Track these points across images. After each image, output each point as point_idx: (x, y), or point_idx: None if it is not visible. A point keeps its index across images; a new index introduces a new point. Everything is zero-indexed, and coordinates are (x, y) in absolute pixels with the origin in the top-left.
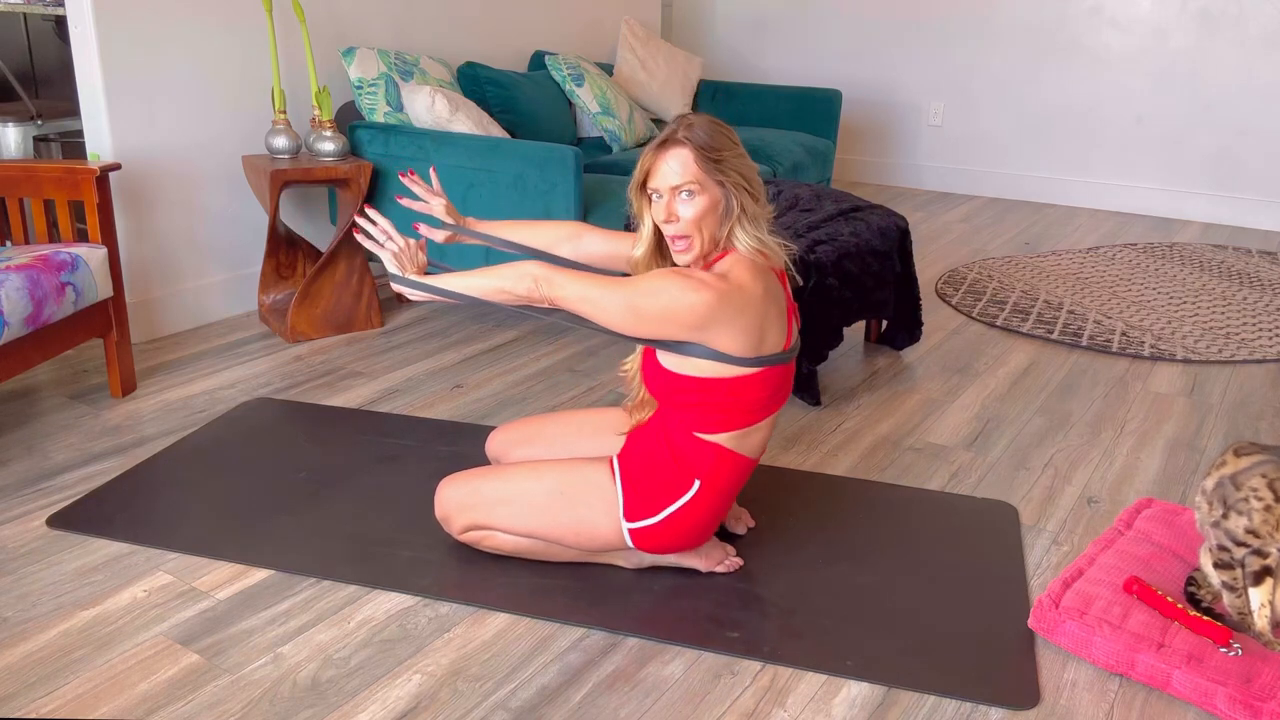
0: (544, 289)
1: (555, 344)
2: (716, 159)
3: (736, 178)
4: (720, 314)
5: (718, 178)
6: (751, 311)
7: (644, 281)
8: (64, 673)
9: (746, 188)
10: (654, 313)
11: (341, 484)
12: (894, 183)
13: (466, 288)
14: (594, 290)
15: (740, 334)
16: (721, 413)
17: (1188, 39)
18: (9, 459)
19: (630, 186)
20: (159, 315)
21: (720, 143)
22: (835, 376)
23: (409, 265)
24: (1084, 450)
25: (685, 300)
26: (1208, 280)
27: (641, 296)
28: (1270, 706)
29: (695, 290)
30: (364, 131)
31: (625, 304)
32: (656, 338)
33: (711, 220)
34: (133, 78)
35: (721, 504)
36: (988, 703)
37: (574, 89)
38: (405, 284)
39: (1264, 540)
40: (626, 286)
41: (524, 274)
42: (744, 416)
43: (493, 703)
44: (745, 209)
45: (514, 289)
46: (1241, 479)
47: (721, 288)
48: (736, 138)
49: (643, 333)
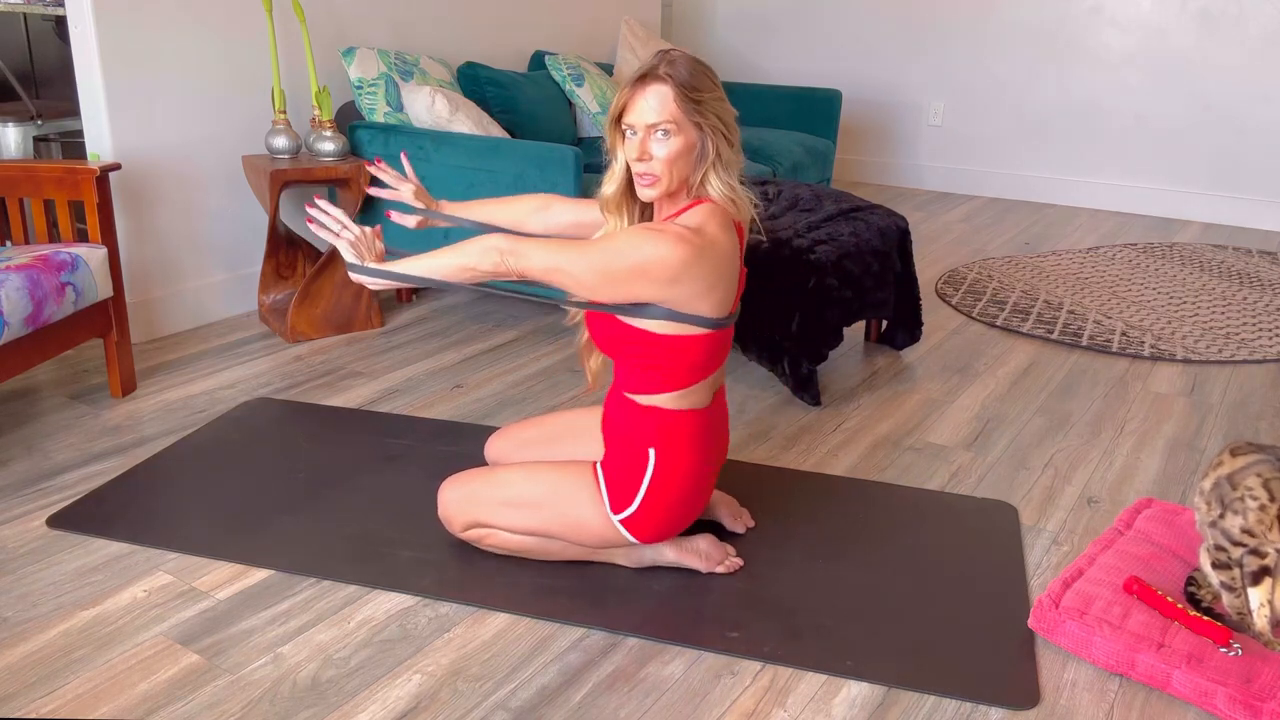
0: (510, 261)
1: (555, 344)
2: (696, 99)
3: (715, 121)
4: (694, 269)
5: (695, 119)
6: (722, 268)
7: (614, 241)
8: (64, 673)
9: (724, 132)
10: (626, 270)
11: (341, 484)
12: (894, 183)
13: (429, 270)
14: (561, 256)
15: (708, 291)
16: (659, 372)
17: (1188, 39)
18: (9, 459)
19: (606, 120)
20: (159, 315)
21: (701, 82)
22: (835, 376)
23: (367, 254)
24: (1084, 450)
25: (659, 254)
26: (1208, 280)
27: (612, 256)
28: (1270, 706)
29: (670, 244)
30: (364, 131)
31: (595, 266)
32: (627, 299)
33: (685, 163)
34: (133, 78)
35: (693, 465)
36: (988, 703)
37: (574, 89)
38: (364, 273)
39: (1259, 539)
40: (595, 248)
41: (488, 248)
42: (681, 378)
43: (493, 703)
44: (721, 154)
45: (479, 265)
46: (1237, 479)
47: (697, 242)
48: (717, 79)
49: (613, 294)
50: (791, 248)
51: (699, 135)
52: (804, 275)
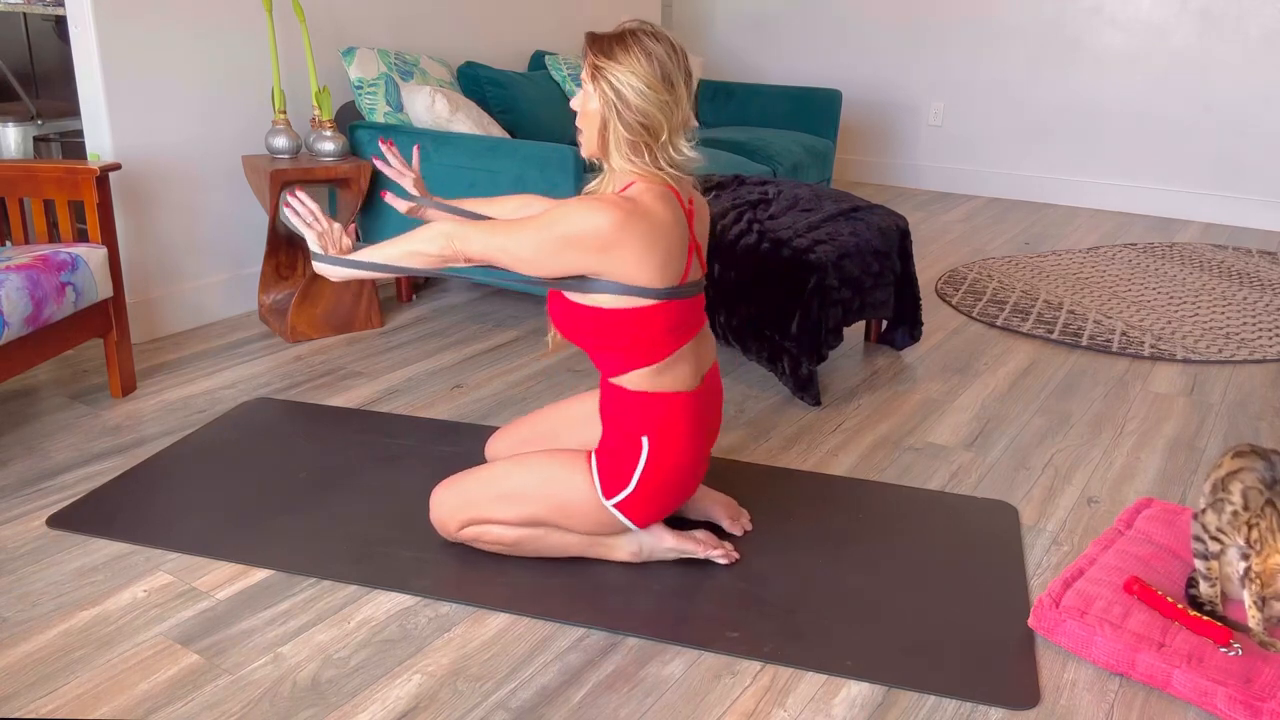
0: (456, 244)
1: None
2: (596, 65)
3: (608, 93)
4: (624, 235)
5: (594, 85)
6: (657, 235)
7: (547, 213)
8: (64, 673)
9: (616, 106)
10: (557, 240)
11: (341, 484)
12: (894, 183)
13: (384, 258)
14: (500, 237)
15: (644, 257)
16: (622, 351)
17: (1188, 39)
18: (9, 459)
19: None
20: (159, 315)
21: (616, 54)
22: (835, 376)
23: (331, 247)
24: (1084, 450)
25: (589, 221)
26: (1208, 280)
27: (546, 227)
28: (1270, 706)
29: (599, 211)
30: (364, 131)
31: (531, 239)
32: (566, 272)
33: (589, 124)
34: (133, 78)
35: (686, 450)
36: (988, 703)
37: (574, 89)
38: (325, 262)
39: (1229, 539)
40: (529, 223)
41: (436, 234)
42: (646, 353)
43: (493, 703)
44: (609, 126)
45: (427, 249)
46: (1228, 481)
47: (626, 208)
48: (664, 69)
49: (553, 268)
50: (791, 248)
51: (601, 102)
52: (804, 275)
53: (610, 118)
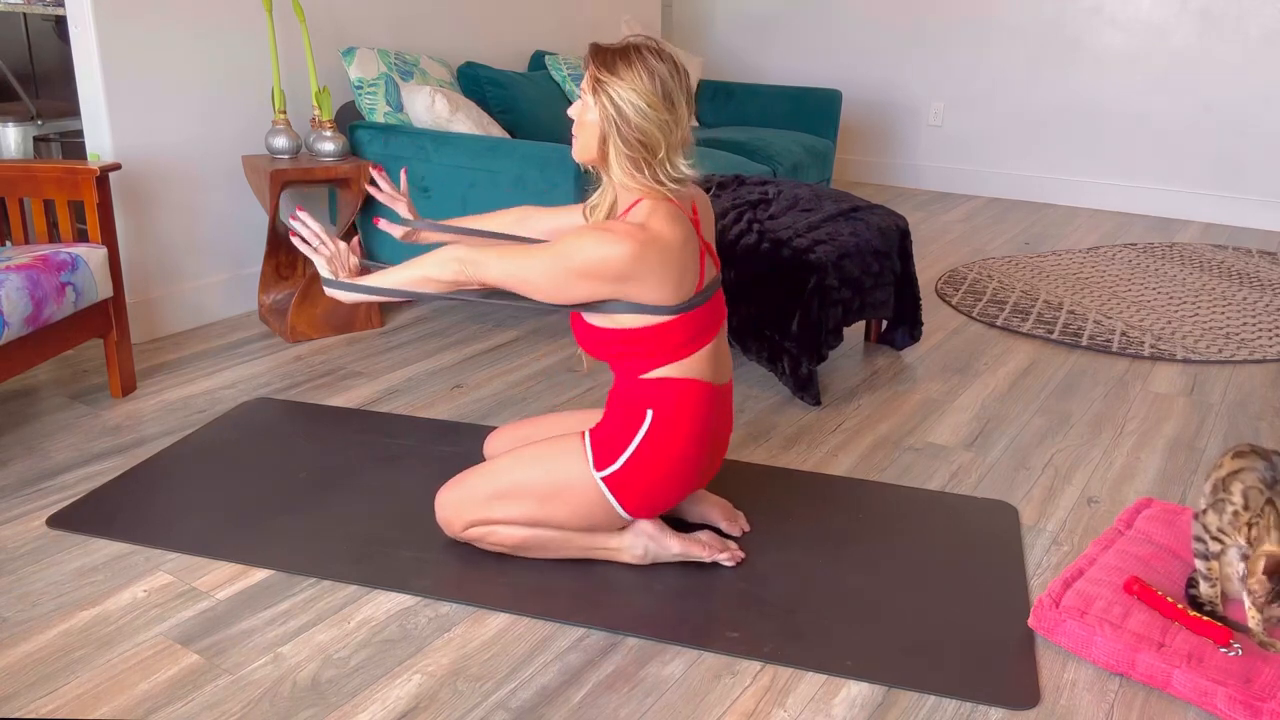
0: (470, 270)
1: (555, 344)
2: (598, 79)
3: (608, 108)
4: (641, 265)
5: (595, 98)
6: (671, 259)
7: (562, 243)
8: (64, 673)
9: (616, 121)
10: (575, 272)
11: (341, 484)
12: (894, 183)
13: (395, 282)
14: (516, 264)
15: (661, 283)
16: (651, 356)
17: (1188, 39)
18: (9, 459)
19: None
20: (159, 315)
21: (619, 69)
22: (835, 376)
23: (341, 270)
24: (1084, 450)
25: (604, 253)
26: (1208, 280)
27: (562, 258)
28: (1270, 706)
29: (614, 243)
30: (364, 131)
31: (548, 269)
32: (583, 299)
33: (587, 134)
34: (133, 78)
35: (689, 435)
36: (988, 703)
37: (574, 89)
38: (336, 287)
39: (1230, 540)
40: (546, 252)
41: (448, 259)
42: (674, 353)
43: (493, 703)
44: (609, 141)
45: (440, 275)
46: (1229, 481)
47: (641, 237)
48: (665, 88)
49: (569, 296)
50: (791, 248)
51: (601, 116)
52: (804, 275)
53: (609, 133)
